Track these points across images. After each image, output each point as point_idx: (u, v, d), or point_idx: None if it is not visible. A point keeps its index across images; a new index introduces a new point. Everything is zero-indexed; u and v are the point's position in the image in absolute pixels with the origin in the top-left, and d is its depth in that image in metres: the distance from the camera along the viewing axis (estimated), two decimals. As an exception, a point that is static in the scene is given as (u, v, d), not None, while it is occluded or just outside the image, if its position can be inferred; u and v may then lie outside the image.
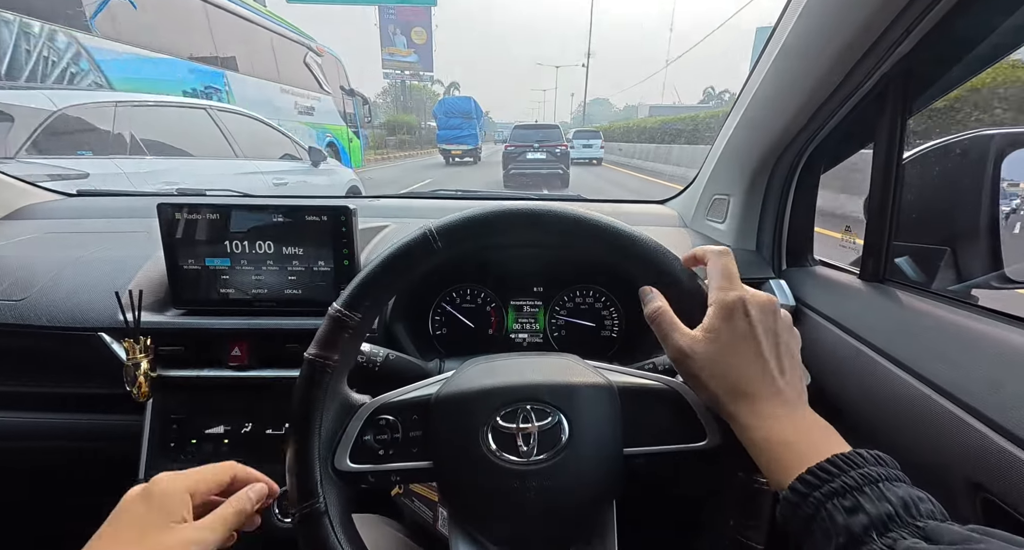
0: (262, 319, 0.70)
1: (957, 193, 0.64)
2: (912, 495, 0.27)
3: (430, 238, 0.41)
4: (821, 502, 0.28)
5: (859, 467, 0.28)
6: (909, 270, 0.71)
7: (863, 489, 0.27)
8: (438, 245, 0.41)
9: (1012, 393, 0.41)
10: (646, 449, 0.42)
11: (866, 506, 0.27)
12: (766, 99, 0.72)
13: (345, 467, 0.41)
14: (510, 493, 0.39)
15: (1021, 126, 0.65)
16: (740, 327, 0.37)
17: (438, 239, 0.41)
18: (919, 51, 0.50)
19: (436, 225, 0.41)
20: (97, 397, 0.76)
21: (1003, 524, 0.40)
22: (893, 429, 0.53)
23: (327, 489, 0.39)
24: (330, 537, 0.38)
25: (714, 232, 0.94)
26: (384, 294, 0.42)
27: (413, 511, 0.72)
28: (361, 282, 0.41)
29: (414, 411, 0.43)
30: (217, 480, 0.40)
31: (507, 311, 0.86)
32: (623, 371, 0.45)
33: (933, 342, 0.51)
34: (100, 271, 0.75)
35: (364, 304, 0.41)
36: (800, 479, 0.29)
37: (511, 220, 0.42)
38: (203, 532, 0.37)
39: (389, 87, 50.44)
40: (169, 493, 0.36)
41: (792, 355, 0.38)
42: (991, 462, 0.40)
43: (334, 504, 0.40)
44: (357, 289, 0.41)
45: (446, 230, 0.41)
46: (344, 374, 0.42)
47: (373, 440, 0.41)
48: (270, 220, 0.72)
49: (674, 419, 0.42)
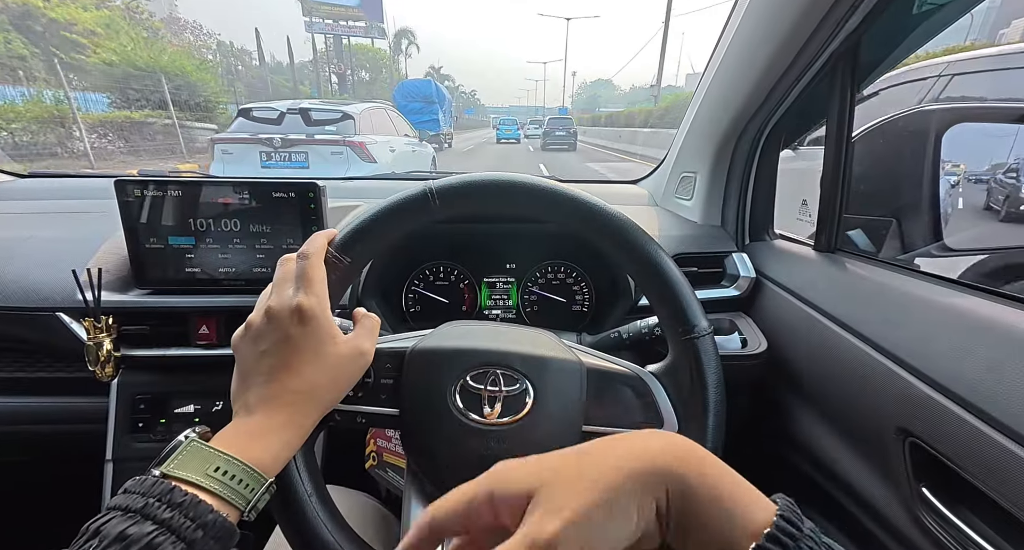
0: (229, 297, 0.70)
1: (902, 167, 0.68)
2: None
3: (429, 195, 0.42)
4: None
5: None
6: (861, 241, 0.75)
7: None
8: (436, 203, 0.43)
9: (938, 345, 0.44)
10: (604, 428, 0.44)
11: None
12: (726, 78, 0.74)
13: None
14: (469, 450, 0.41)
15: (960, 103, 0.69)
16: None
17: (436, 197, 0.43)
18: (864, 27, 0.53)
19: (436, 184, 0.43)
20: (61, 380, 0.74)
21: (926, 464, 0.44)
22: (836, 386, 0.57)
23: None
24: (289, 465, 0.39)
25: (682, 209, 0.96)
26: (376, 243, 0.43)
27: (388, 481, 0.74)
28: (356, 227, 0.42)
29: (389, 360, 0.44)
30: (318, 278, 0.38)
31: (480, 288, 0.87)
32: (594, 354, 0.47)
33: (875, 305, 0.55)
34: (55, 250, 0.73)
35: (355, 248, 0.42)
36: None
37: (510, 189, 0.43)
38: (362, 341, 0.39)
39: (330, 49, 35.35)
40: (318, 313, 0.37)
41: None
42: (917, 408, 0.43)
43: None
44: (351, 233, 0.42)
45: (446, 190, 0.43)
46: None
47: None
48: (235, 197, 0.70)
49: (635, 404, 0.44)
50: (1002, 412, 0.36)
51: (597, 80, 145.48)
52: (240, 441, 0.33)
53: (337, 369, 0.37)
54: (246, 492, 0.31)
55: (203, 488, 0.29)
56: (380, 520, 0.64)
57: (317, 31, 31.44)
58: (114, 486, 0.69)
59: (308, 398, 0.36)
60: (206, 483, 0.29)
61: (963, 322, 0.44)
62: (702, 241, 0.84)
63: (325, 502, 0.41)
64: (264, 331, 0.36)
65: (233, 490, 0.30)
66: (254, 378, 0.36)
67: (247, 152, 4.68)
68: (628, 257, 0.44)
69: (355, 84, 39.95)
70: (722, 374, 0.42)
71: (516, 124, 26.86)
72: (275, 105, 5.02)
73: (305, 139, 4.65)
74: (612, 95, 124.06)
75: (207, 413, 0.71)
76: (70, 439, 0.78)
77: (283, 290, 0.38)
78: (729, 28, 0.69)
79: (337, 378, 0.38)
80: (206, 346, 0.69)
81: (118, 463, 0.69)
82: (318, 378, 0.36)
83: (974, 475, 0.38)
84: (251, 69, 37.59)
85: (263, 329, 0.36)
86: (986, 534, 0.39)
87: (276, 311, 0.36)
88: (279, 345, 0.36)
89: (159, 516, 0.27)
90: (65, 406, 0.76)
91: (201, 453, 0.31)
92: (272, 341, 0.36)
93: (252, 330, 0.37)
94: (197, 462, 0.30)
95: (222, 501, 0.30)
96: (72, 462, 0.82)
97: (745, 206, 0.85)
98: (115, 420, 0.69)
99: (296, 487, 0.39)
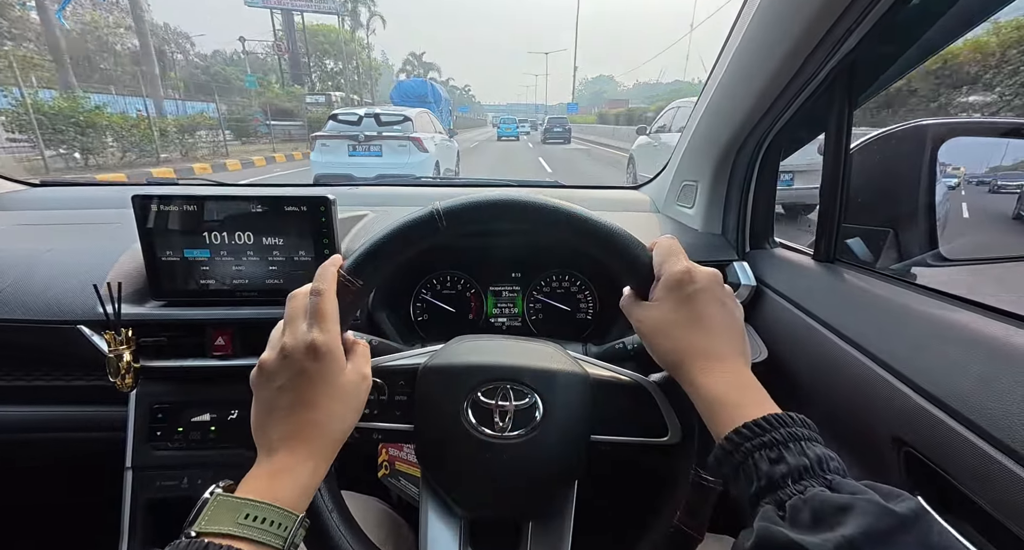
0: (244, 309, 0.72)
1: (899, 178, 0.70)
2: (825, 454, 0.32)
3: (436, 217, 0.44)
4: (751, 452, 0.32)
5: (787, 427, 0.33)
6: (859, 250, 0.76)
7: (787, 444, 0.32)
8: (443, 224, 0.44)
9: (933, 358, 0.46)
10: (611, 438, 0.46)
11: (788, 458, 0.31)
12: (729, 89, 0.75)
13: None
14: (482, 463, 0.43)
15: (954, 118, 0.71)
16: (686, 294, 0.41)
17: (443, 219, 0.44)
18: (862, 47, 0.54)
19: (443, 206, 0.44)
20: (80, 389, 0.76)
21: (920, 473, 0.45)
22: (834, 395, 0.58)
23: None
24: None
25: (683, 217, 0.98)
26: (386, 264, 0.45)
27: (400, 489, 0.75)
28: (368, 250, 0.43)
29: (402, 377, 0.46)
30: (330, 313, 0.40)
31: (486, 297, 0.88)
32: (600, 365, 0.49)
33: (872, 316, 0.56)
34: (75, 263, 0.75)
35: (367, 270, 0.43)
36: (736, 431, 0.34)
37: (514, 209, 0.44)
38: (362, 366, 0.41)
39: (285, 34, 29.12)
40: (332, 348, 0.38)
41: (733, 321, 0.42)
42: (912, 419, 0.45)
43: None
44: (363, 256, 0.43)
45: (452, 212, 0.44)
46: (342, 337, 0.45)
47: None
48: (248, 211, 0.72)
49: (640, 414, 0.46)
50: (993, 425, 0.38)
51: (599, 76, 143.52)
52: (265, 484, 0.34)
53: (348, 397, 0.39)
54: (280, 531, 0.32)
55: (236, 537, 0.30)
56: (392, 525, 0.66)
57: (258, 5, 25.57)
58: (134, 492, 0.71)
59: (327, 429, 0.37)
60: (239, 531, 0.30)
61: (957, 336, 0.45)
62: (703, 249, 0.86)
63: (344, 516, 0.43)
64: (279, 368, 0.37)
65: (267, 532, 0.31)
66: (274, 414, 0.37)
67: (338, 145, 6.55)
68: (628, 270, 0.45)
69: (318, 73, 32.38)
70: None
71: (516, 123, 28.21)
72: (355, 110, 7.10)
73: (378, 135, 6.53)
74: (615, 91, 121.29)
75: (223, 421, 0.73)
76: (88, 446, 0.80)
77: (296, 327, 0.39)
78: (731, 43, 0.70)
79: (350, 405, 0.39)
80: (222, 357, 0.71)
81: (137, 470, 0.71)
82: (334, 408, 0.38)
83: (967, 486, 0.40)
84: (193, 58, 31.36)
85: (278, 366, 0.37)
86: (980, 544, 0.40)
87: (291, 348, 0.37)
88: (296, 381, 0.37)
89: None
90: (83, 414, 0.78)
91: (229, 505, 0.32)
92: (288, 377, 0.37)
93: (267, 368, 0.38)
94: (227, 514, 0.31)
95: (259, 545, 0.31)
96: (89, 468, 0.84)
97: (745, 215, 0.87)
98: (134, 429, 0.71)
99: (317, 503, 0.41)
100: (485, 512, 0.47)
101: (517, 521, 0.47)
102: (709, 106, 0.81)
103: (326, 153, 6.59)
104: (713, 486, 0.41)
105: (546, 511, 0.46)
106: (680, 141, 0.98)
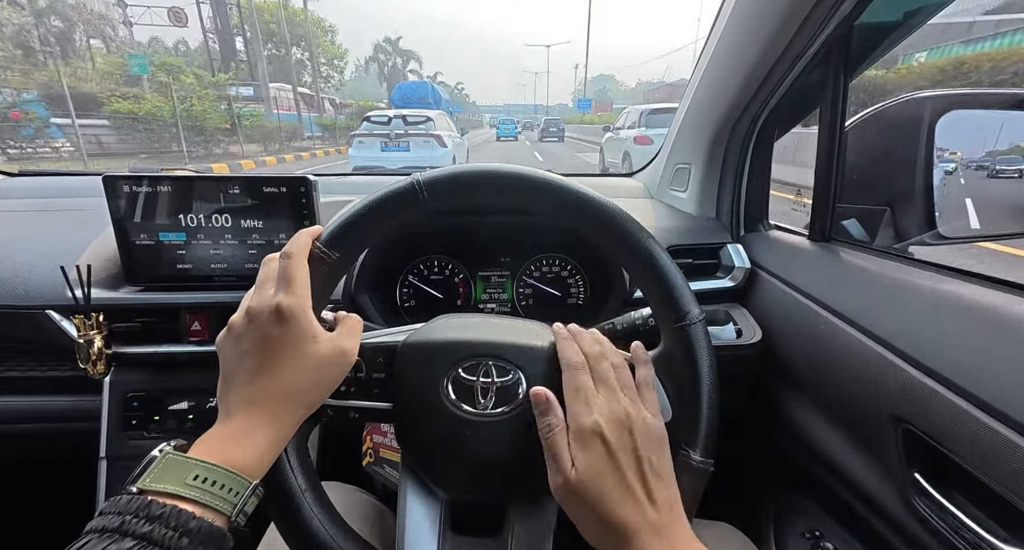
0: (221, 293, 0.69)
1: (895, 155, 0.68)
2: None
3: (417, 188, 0.42)
4: None
5: None
6: (855, 231, 0.74)
7: None
8: (424, 195, 0.42)
9: (931, 332, 0.44)
10: None
11: None
12: (720, 68, 0.73)
13: None
14: (462, 441, 0.41)
15: (953, 89, 0.69)
16: (597, 455, 0.35)
17: (424, 190, 0.42)
18: (856, 13, 0.52)
19: (424, 176, 0.42)
20: (55, 379, 0.74)
21: (918, 450, 0.44)
22: (831, 374, 0.57)
23: None
24: (282, 461, 0.38)
25: (677, 201, 0.96)
26: (364, 237, 0.43)
27: (384, 477, 0.73)
28: (343, 221, 0.42)
29: (381, 354, 0.44)
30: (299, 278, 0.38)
31: (475, 282, 0.86)
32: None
33: (869, 293, 0.54)
34: (46, 248, 0.72)
35: (344, 244, 0.41)
36: None
37: (498, 179, 0.43)
38: (344, 340, 0.38)
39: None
40: (298, 313, 0.36)
41: (658, 471, 0.36)
42: (910, 395, 0.43)
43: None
44: (339, 228, 0.41)
45: (433, 182, 0.42)
46: (317, 312, 0.43)
47: None
48: (226, 193, 0.70)
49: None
50: (993, 397, 0.36)
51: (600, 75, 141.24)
52: (220, 446, 0.32)
53: (319, 369, 0.37)
54: (231, 496, 0.30)
55: (183, 497, 0.28)
56: (376, 515, 0.63)
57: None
58: (108, 484, 0.68)
59: (289, 398, 0.35)
60: (185, 492, 0.29)
61: (955, 308, 0.44)
62: (697, 233, 0.84)
63: (320, 498, 0.40)
64: (245, 331, 0.36)
65: (216, 496, 0.29)
66: (236, 379, 0.35)
67: (372, 142, 7.73)
68: (618, 245, 0.43)
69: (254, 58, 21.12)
70: (715, 361, 0.41)
71: (515, 123, 29.28)
72: (386, 113, 8.53)
73: (405, 134, 7.74)
74: (618, 91, 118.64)
75: (201, 410, 0.71)
76: (64, 437, 0.77)
77: (264, 290, 0.37)
78: (721, 17, 0.68)
79: (319, 378, 0.37)
80: (199, 343, 0.69)
81: (112, 461, 0.69)
82: (299, 378, 0.36)
83: (966, 460, 0.38)
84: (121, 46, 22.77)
85: (244, 329, 0.36)
86: (978, 518, 0.39)
87: (256, 311, 0.36)
88: (259, 345, 0.35)
89: (138, 531, 0.26)
90: (58, 404, 0.75)
91: (177, 464, 0.30)
92: (252, 341, 0.35)
93: (234, 331, 0.36)
94: (174, 473, 0.29)
95: (206, 508, 0.29)
96: (66, 460, 0.81)
97: (740, 197, 0.85)
98: (108, 418, 0.69)
99: (290, 484, 0.39)
100: (466, 494, 0.45)
101: (500, 503, 0.45)
102: (701, 83, 0.79)
103: (362, 149, 7.80)
104: (703, 468, 0.40)
105: (530, 492, 0.44)
106: (673, 123, 0.96)
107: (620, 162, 7.90)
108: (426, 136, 7.72)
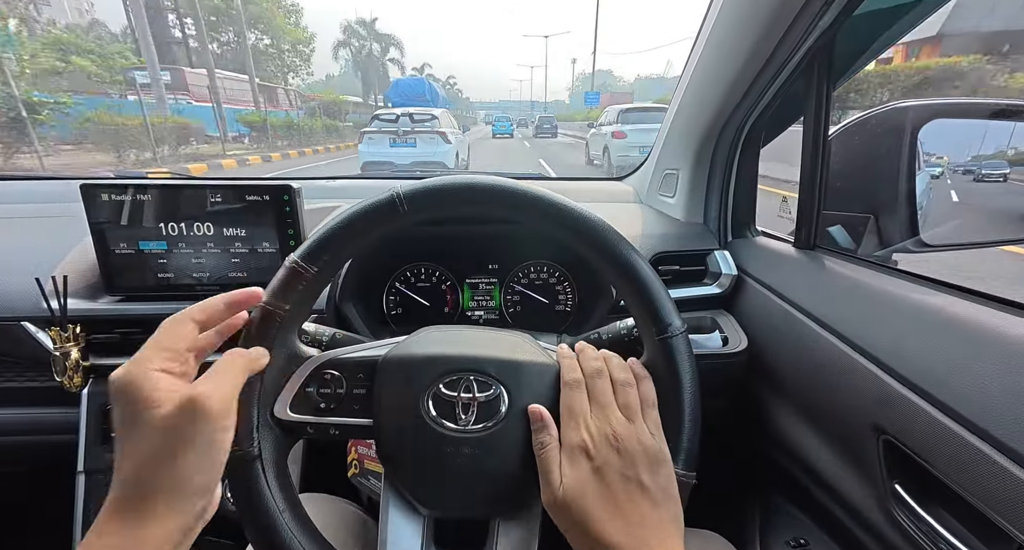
0: None
1: (879, 163, 0.68)
2: None
3: (397, 201, 0.41)
4: None
5: None
6: (840, 238, 0.75)
7: None
8: (404, 208, 0.41)
9: (912, 343, 0.44)
10: None
11: None
12: (706, 75, 0.73)
13: (284, 416, 0.42)
14: (443, 458, 0.41)
15: (934, 99, 0.69)
16: (583, 472, 0.36)
17: (404, 202, 0.41)
18: (838, 24, 0.52)
19: (404, 188, 0.42)
20: (34, 390, 0.72)
21: (899, 461, 0.44)
22: (815, 383, 0.57)
23: (263, 435, 0.40)
24: (259, 481, 0.38)
25: (665, 206, 0.96)
26: (343, 251, 0.42)
27: (370, 489, 0.73)
28: (322, 236, 0.41)
29: (361, 369, 0.43)
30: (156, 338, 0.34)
31: (462, 289, 0.86)
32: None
33: (852, 303, 0.55)
34: (21, 258, 0.71)
35: (323, 258, 0.41)
36: None
37: (478, 192, 0.42)
38: (199, 385, 0.33)
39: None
40: (213, 408, 0.31)
41: (649, 490, 0.35)
42: (890, 406, 0.43)
43: (269, 450, 0.40)
44: (316, 242, 0.41)
45: (414, 194, 0.41)
46: (295, 326, 0.43)
47: (316, 393, 0.43)
48: (207, 200, 0.69)
49: None
50: (969, 409, 0.37)
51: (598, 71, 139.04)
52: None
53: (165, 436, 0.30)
54: None
55: None
56: (360, 527, 0.63)
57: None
58: (86, 497, 0.67)
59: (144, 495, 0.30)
60: None
61: (934, 320, 0.44)
62: (684, 239, 0.84)
63: (298, 517, 0.40)
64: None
65: None
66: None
67: (381, 138, 8.08)
68: (599, 257, 0.43)
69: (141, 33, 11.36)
70: (696, 373, 0.41)
71: (510, 120, 29.76)
72: (393, 111, 8.89)
73: (411, 131, 8.11)
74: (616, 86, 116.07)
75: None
76: (43, 450, 0.76)
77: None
78: (706, 25, 0.68)
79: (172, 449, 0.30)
80: None
81: (90, 475, 0.68)
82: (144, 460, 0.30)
83: (943, 472, 0.38)
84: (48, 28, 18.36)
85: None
86: (956, 531, 0.39)
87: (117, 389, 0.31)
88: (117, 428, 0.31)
89: None
90: (36, 417, 0.74)
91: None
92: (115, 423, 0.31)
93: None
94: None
95: None
96: (46, 473, 0.80)
97: (727, 203, 0.85)
98: (86, 431, 0.67)
99: (267, 504, 0.38)
100: (449, 510, 0.44)
101: (483, 520, 0.45)
102: (688, 90, 0.79)
103: (372, 145, 8.24)
104: (685, 481, 0.39)
105: (513, 509, 0.44)
106: (662, 127, 0.96)
107: (601, 153, 9.11)
108: (431, 133, 8.14)
